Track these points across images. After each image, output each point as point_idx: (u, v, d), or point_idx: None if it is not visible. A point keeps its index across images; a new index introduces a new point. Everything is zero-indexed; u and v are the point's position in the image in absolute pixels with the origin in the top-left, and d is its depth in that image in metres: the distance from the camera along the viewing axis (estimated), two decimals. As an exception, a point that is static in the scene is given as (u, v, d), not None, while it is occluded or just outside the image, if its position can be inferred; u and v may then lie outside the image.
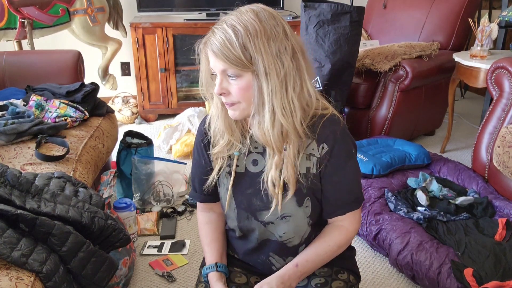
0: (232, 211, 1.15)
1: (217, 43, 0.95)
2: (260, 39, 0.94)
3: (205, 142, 1.15)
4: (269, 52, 0.95)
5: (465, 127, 3.46)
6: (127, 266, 1.68)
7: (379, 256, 1.93)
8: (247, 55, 0.94)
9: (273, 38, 0.96)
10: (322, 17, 2.49)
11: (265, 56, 0.95)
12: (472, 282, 1.52)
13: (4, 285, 1.02)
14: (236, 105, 1.01)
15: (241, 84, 0.98)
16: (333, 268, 1.18)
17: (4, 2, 2.75)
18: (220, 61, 0.96)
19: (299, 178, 1.05)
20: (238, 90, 0.98)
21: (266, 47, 0.95)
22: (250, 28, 0.94)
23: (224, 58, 0.95)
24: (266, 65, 0.95)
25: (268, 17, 0.97)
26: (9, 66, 2.32)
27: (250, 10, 0.97)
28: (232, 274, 1.20)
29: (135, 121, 3.53)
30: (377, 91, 2.84)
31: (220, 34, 0.96)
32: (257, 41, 0.94)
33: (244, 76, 0.97)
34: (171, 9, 3.46)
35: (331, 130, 1.05)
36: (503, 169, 1.97)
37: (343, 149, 1.06)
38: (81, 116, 2.07)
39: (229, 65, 0.96)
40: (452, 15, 3.03)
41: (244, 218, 1.14)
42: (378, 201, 2.01)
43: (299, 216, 1.10)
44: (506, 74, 2.14)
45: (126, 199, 1.95)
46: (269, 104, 0.98)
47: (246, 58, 0.95)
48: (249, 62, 0.95)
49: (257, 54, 0.94)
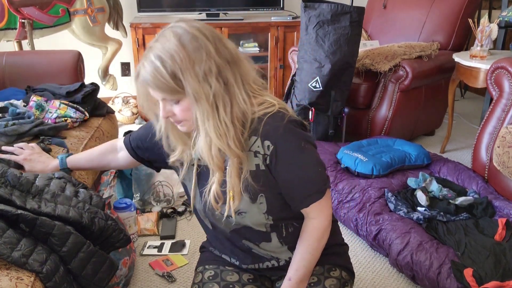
0: (198, 203, 1.19)
1: (148, 76, 0.98)
2: (186, 66, 0.96)
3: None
4: (195, 78, 0.97)
5: (465, 127, 3.46)
6: (127, 266, 1.68)
7: (379, 256, 1.93)
8: (178, 83, 0.97)
9: (197, 62, 0.97)
10: (322, 17, 2.50)
11: (193, 82, 0.97)
12: (472, 282, 1.52)
13: (4, 285, 1.02)
14: (183, 122, 1.05)
15: (182, 107, 1.02)
16: (325, 266, 1.19)
17: (4, 2, 2.75)
18: (156, 91, 1.00)
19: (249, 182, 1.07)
20: (181, 112, 1.03)
21: (192, 73, 0.97)
22: (175, 57, 0.96)
23: (158, 89, 0.99)
24: (195, 92, 0.97)
25: (190, 40, 0.98)
26: (9, 66, 2.32)
27: (173, 35, 0.98)
28: (223, 272, 1.22)
29: (135, 122, 3.53)
30: (377, 91, 2.84)
31: (149, 66, 0.98)
32: (183, 69, 0.97)
33: (183, 99, 1.00)
34: (171, 9, 3.46)
35: (273, 126, 1.04)
36: (503, 169, 1.97)
37: (288, 145, 1.05)
38: (81, 116, 2.07)
39: (165, 94, 1.00)
40: (452, 15, 3.03)
41: (210, 209, 1.15)
42: (378, 201, 2.01)
43: (254, 212, 1.11)
44: (506, 74, 2.14)
45: (126, 199, 1.95)
46: (203, 128, 1.01)
47: (178, 86, 0.98)
48: (181, 88, 0.98)
49: (186, 81, 0.97)
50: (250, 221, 1.13)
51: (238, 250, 1.22)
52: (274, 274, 1.25)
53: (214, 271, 1.23)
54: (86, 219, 1.20)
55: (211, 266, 1.25)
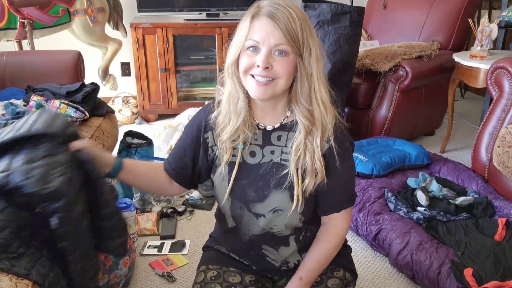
0: (226, 200, 1.15)
1: (282, 18, 0.97)
2: (310, 26, 1.00)
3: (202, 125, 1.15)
4: (315, 40, 1.01)
5: (465, 127, 3.46)
6: (127, 266, 1.68)
7: (379, 256, 1.93)
8: (303, 37, 0.98)
9: (315, 35, 1.02)
10: (322, 17, 2.49)
11: (316, 42, 1.00)
12: (472, 282, 1.52)
13: (4, 285, 1.02)
14: (273, 82, 1.01)
15: (287, 61, 1.00)
16: (329, 266, 1.19)
17: (4, 2, 2.75)
18: (281, 35, 0.97)
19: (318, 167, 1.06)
20: (285, 66, 1.00)
21: (314, 35, 1.01)
22: (303, 14, 1.00)
23: (287, 33, 0.97)
24: (317, 51, 1.01)
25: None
26: (9, 66, 2.32)
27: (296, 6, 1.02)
28: (226, 273, 1.21)
29: (135, 121, 3.53)
30: (377, 91, 2.84)
31: (284, 10, 0.98)
32: (309, 27, 1.00)
33: (290, 55, 0.99)
34: (171, 9, 3.46)
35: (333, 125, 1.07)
36: (503, 169, 1.97)
37: (341, 146, 1.07)
38: (82, 116, 2.07)
39: (287, 41, 0.98)
40: (452, 15, 3.03)
41: (237, 207, 1.14)
42: (378, 201, 2.01)
43: (291, 211, 1.10)
44: (506, 74, 2.14)
45: (126, 199, 1.95)
46: (317, 85, 1.03)
47: (302, 39, 0.98)
48: (302, 43, 0.99)
49: (311, 38, 0.99)
50: (284, 221, 1.12)
51: (253, 254, 1.22)
52: (278, 274, 1.25)
53: (217, 272, 1.22)
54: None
55: (214, 266, 1.25)
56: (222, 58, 3.43)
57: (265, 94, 1.02)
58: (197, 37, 3.49)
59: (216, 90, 1.15)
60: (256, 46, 1.00)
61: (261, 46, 0.99)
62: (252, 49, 1.00)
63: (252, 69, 1.01)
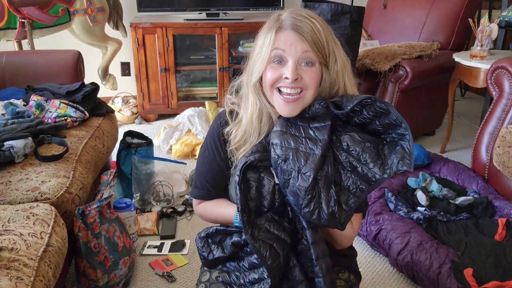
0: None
1: (307, 29, 0.97)
2: (332, 34, 1.01)
3: (221, 140, 1.12)
4: (340, 47, 1.02)
5: (465, 127, 3.46)
6: (127, 266, 1.68)
7: (379, 256, 1.93)
8: (329, 47, 0.99)
9: (338, 44, 1.02)
10: (322, 17, 2.45)
11: (340, 49, 1.01)
12: (472, 282, 1.52)
13: (4, 284, 1.02)
14: (301, 96, 1.00)
15: (314, 71, 0.99)
16: (334, 268, 1.18)
17: (4, 2, 2.75)
18: (307, 45, 0.97)
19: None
20: (313, 76, 0.99)
21: (337, 42, 1.01)
22: (325, 23, 1.00)
23: (313, 44, 0.97)
24: (343, 58, 1.01)
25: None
26: (9, 66, 2.32)
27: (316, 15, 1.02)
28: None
29: (135, 121, 3.53)
30: (377, 91, 2.84)
31: (307, 22, 0.97)
32: (332, 35, 1.00)
33: (316, 64, 0.99)
34: (171, 9, 3.46)
35: None
36: (503, 169, 1.97)
37: None
38: (81, 116, 2.07)
39: (313, 50, 0.97)
40: (452, 15, 3.03)
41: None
42: (378, 201, 2.01)
43: None
44: (506, 74, 2.14)
45: (126, 199, 1.95)
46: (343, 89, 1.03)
47: (328, 49, 0.98)
48: (328, 53, 0.99)
49: (335, 47, 1.00)
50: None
51: None
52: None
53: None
54: None
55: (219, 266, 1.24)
56: (222, 58, 3.43)
57: (294, 111, 1.01)
58: (197, 37, 3.49)
59: (225, 99, 1.13)
60: (281, 58, 0.98)
61: (288, 57, 0.98)
62: (277, 62, 0.99)
63: (279, 81, 0.99)
